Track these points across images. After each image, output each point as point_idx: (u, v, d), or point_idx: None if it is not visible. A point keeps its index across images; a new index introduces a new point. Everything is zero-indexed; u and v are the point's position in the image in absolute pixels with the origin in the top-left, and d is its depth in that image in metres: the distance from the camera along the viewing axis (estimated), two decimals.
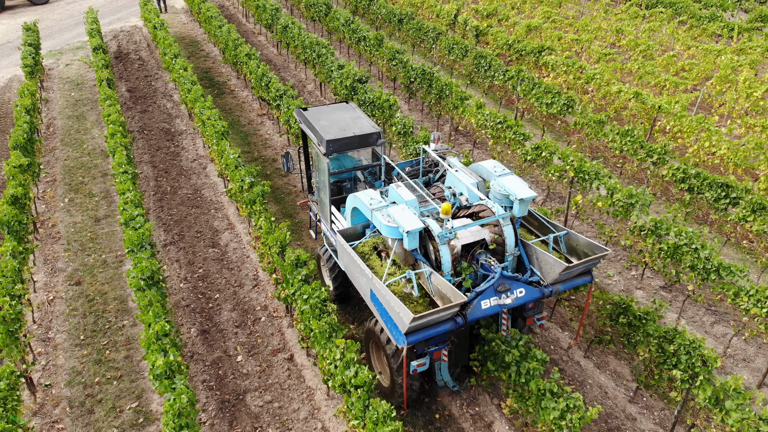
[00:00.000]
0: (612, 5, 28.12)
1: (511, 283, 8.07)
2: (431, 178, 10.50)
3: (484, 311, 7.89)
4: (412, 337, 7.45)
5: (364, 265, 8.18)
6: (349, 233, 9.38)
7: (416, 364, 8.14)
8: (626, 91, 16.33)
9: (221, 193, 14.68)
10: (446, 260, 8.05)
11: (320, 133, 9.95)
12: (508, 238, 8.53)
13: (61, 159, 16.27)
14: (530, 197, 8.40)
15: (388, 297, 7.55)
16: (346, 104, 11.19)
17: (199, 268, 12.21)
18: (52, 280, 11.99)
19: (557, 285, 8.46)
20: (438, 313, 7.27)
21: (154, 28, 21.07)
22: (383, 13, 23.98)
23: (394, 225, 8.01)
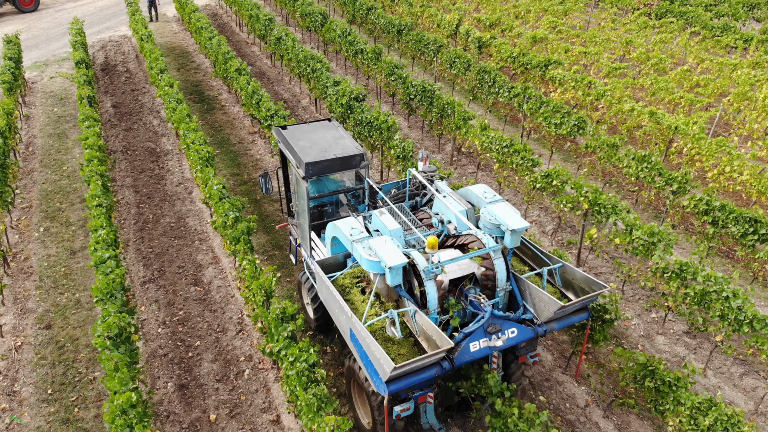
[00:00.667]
0: (620, 14, 27.15)
1: (503, 323, 7.47)
2: (418, 201, 9.77)
3: (473, 354, 7.26)
4: (394, 385, 6.78)
5: (343, 302, 7.56)
6: (329, 263, 8.68)
7: (400, 410, 7.44)
8: (640, 110, 15.35)
9: (206, 222, 13.69)
10: (432, 297, 7.38)
11: (299, 154, 9.29)
12: (499, 272, 7.82)
13: (39, 182, 15.27)
14: (522, 228, 7.77)
15: (368, 341, 6.92)
16: (328, 122, 10.50)
17: (180, 309, 11.20)
18: (21, 322, 10.98)
19: (552, 323, 7.80)
20: (421, 360, 6.62)
21: (141, 39, 20.08)
22: (382, 23, 23.00)
23: (375, 259, 7.37)
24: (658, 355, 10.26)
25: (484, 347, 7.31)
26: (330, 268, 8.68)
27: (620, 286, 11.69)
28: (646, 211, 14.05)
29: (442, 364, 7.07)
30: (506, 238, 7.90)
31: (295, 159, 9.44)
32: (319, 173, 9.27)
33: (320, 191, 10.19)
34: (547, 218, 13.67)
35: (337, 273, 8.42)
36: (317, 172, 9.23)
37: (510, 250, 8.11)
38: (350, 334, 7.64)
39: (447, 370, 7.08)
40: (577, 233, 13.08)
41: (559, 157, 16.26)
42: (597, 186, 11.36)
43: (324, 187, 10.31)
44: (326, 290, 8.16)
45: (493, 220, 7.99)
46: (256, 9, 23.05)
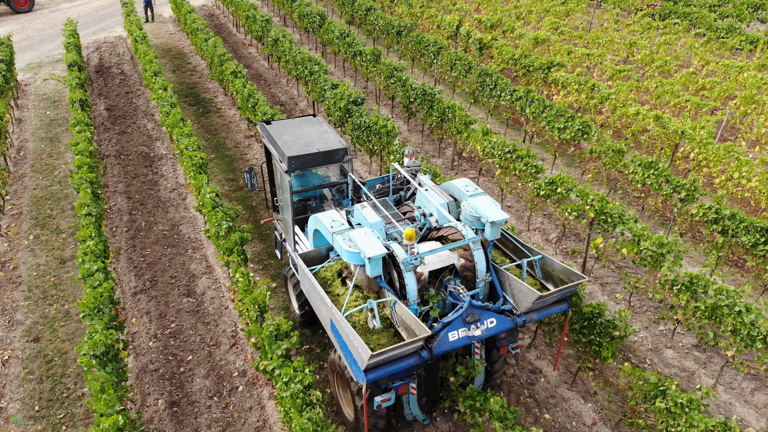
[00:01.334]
0: (623, 15, 26.79)
1: (481, 313, 7.53)
2: (402, 196, 9.82)
3: (452, 344, 7.32)
4: (372, 373, 6.82)
5: (323, 294, 7.59)
6: (312, 256, 8.66)
7: (380, 400, 7.53)
8: (645, 114, 14.98)
9: (200, 229, 13.32)
10: (411, 288, 7.44)
11: (282, 149, 9.50)
12: (479, 263, 7.88)
13: (29, 188, 14.89)
14: (502, 220, 7.83)
15: (347, 330, 6.92)
16: (313, 118, 10.71)
17: (172, 322, 10.83)
18: (8, 335, 10.62)
19: (531, 314, 7.87)
20: (399, 348, 6.67)
21: (135, 41, 19.70)
22: (381, 24, 22.63)
23: (355, 251, 7.41)
24: (666, 369, 9.91)
25: (463, 337, 7.36)
26: (312, 261, 8.64)
27: (627, 298, 11.33)
28: (653, 218, 13.70)
29: (420, 353, 7.11)
30: (486, 230, 7.92)
31: (279, 153, 9.61)
32: (302, 167, 9.45)
33: (304, 185, 10.25)
34: (551, 226, 13.31)
35: (319, 266, 8.38)
36: (300, 166, 9.42)
37: (491, 242, 8.12)
38: (331, 326, 7.63)
39: (426, 360, 7.11)
40: (582, 242, 12.73)
41: (563, 162, 15.90)
42: (603, 194, 10.99)
43: (307, 182, 10.38)
44: (308, 283, 8.16)
45: (474, 212, 8.01)
46: (253, 10, 22.68)
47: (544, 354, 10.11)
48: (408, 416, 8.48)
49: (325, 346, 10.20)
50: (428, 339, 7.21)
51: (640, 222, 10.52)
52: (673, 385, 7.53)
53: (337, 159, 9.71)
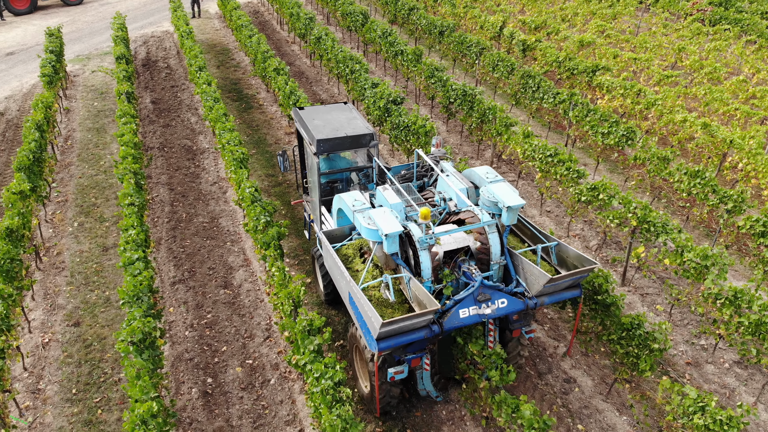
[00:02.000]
0: (671, 19, 26.17)
1: (493, 293, 7.78)
2: (426, 182, 10.23)
3: (462, 320, 7.60)
4: (384, 343, 7.18)
5: (342, 267, 8.00)
6: (336, 234, 9.20)
7: (393, 371, 7.92)
8: (692, 121, 14.59)
9: (239, 223, 13.48)
10: (426, 266, 7.74)
11: (312, 132, 9.98)
12: (494, 246, 8.13)
13: (75, 176, 15.29)
14: (518, 205, 7.98)
15: (362, 301, 7.30)
16: (343, 105, 11.16)
17: (208, 312, 10.98)
18: (50, 318, 10.92)
19: (543, 297, 8.07)
20: (410, 319, 7.00)
21: (182, 36, 20.05)
22: (423, 24, 22.56)
23: (374, 228, 7.74)
24: (706, 385, 9.62)
25: (474, 315, 7.61)
26: (335, 239, 9.12)
27: (668, 309, 11.05)
28: (697, 229, 13.33)
29: (431, 327, 7.41)
30: (503, 215, 8.09)
31: (309, 136, 10.09)
32: (330, 150, 9.91)
33: (331, 168, 10.75)
34: (591, 233, 13.06)
35: (341, 243, 8.84)
36: (328, 149, 9.87)
37: (507, 227, 8.36)
38: (349, 299, 8.00)
39: (436, 334, 7.43)
40: (623, 250, 12.46)
41: (605, 168, 15.60)
42: (646, 202, 10.74)
43: (335, 164, 10.90)
44: (330, 259, 8.61)
45: (492, 197, 8.21)
46: (297, 7, 22.86)
47: (579, 363, 9.93)
48: (421, 391, 8.73)
49: None
50: (440, 315, 7.53)
51: (684, 232, 10.24)
52: (713, 401, 7.29)
53: (363, 144, 10.11)
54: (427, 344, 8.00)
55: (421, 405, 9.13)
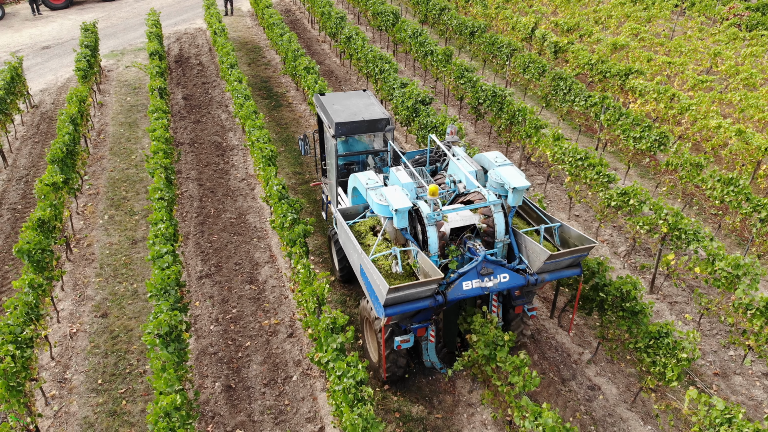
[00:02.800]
0: (707, 24, 25.65)
1: (495, 268, 8.11)
2: (438, 167, 10.69)
3: (465, 292, 7.97)
4: (391, 309, 7.58)
5: (355, 241, 8.38)
6: (350, 212, 9.61)
7: (400, 340, 8.41)
8: (727, 128, 14.27)
9: (266, 219, 13.56)
10: (433, 241, 8.16)
11: (331, 116, 10.53)
12: (498, 225, 8.50)
13: (107, 170, 15.56)
14: (524, 187, 8.40)
15: (372, 271, 7.69)
16: (362, 92, 11.75)
17: (233, 307, 11.08)
18: (78, 309, 11.12)
19: (544, 275, 8.40)
20: (415, 287, 7.43)
21: (214, 33, 20.27)
22: (454, 24, 22.46)
23: (385, 203, 8.18)
24: (733, 396, 9.41)
25: (476, 287, 7.99)
26: (349, 216, 9.54)
27: (696, 318, 10.83)
28: (729, 237, 13.04)
29: (435, 297, 7.83)
30: (509, 197, 8.50)
31: (328, 120, 10.67)
32: (347, 133, 10.48)
33: (348, 150, 11.17)
34: (620, 238, 12.86)
35: (354, 220, 9.28)
36: (346, 132, 10.45)
37: (513, 208, 8.75)
38: (360, 271, 8.43)
39: (440, 304, 7.85)
40: (652, 257, 12.24)
41: (636, 173, 15.35)
42: (678, 209, 10.53)
43: (352, 147, 11.31)
44: (344, 234, 8.97)
45: (499, 179, 8.61)
46: (328, 6, 22.95)
47: (604, 370, 9.78)
48: (426, 362, 9.19)
49: None
50: (444, 287, 7.93)
51: (716, 240, 10.02)
52: (740, 413, 7.13)
53: (379, 128, 10.68)
54: (432, 314, 8.48)
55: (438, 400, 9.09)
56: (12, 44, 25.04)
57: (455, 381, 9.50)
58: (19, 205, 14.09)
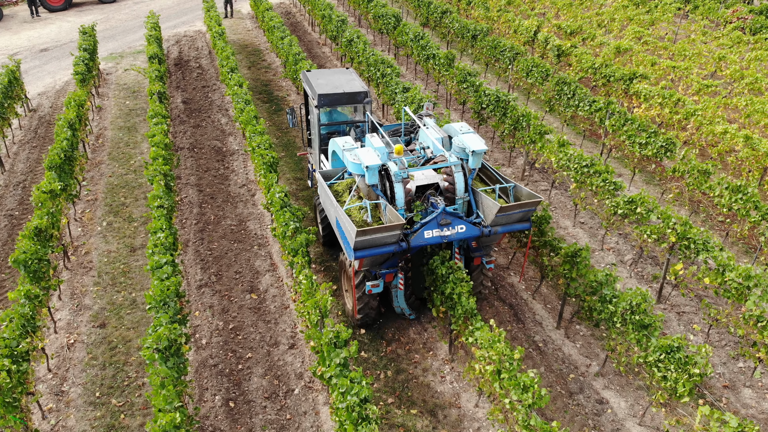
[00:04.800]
0: (711, 27, 25.48)
1: (453, 220, 9.13)
2: (413, 137, 11.58)
3: (427, 240, 9.01)
4: (360, 252, 8.58)
5: (332, 196, 9.42)
6: (330, 174, 10.49)
7: (371, 285, 9.51)
8: (734, 133, 14.09)
9: (267, 226, 13.37)
10: (399, 196, 9.14)
11: (315, 89, 11.74)
12: (458, 183, 9.50)
13: (105, 175, 15.36)
14: (482, 150, 9.44)
15: (344, 219, 8.70)
16: (345, 69, 12.99)
17: (234, 317, 10.88)
18: (76, 319, 10.92)
19: (497, 227, 9.32)
20: (381, 231, 8.44)
21: (214, 36, 20.07)
22: (456, 27, 22.27)
23: (358, 162, 9.12)
24: (743, 410, 9.22)
25: (436, 236, 9.04)
26: (329, 178, 10.43)
27: (705, 329, 10.64)
28: (736, 245, 12.86)
29: (400, 243, 8.83)
30: (470, 159, 9.55)
31: (312, 92, 11.88)
32: (329, 104, 11.73)
33: (330, 120, 12.41)
34: (626, 247, 12.66)
35: (333, 181, 10.23)
36: (327, 103, 11.68)
37: (473, 170, 9.73)
38: (336, 224, 9.50)
39: (404, 249, 8.88)
40: (660, 266, 12.05)
41: (642, 179, 15.16)
42: (686, 218, 10.34)
43: (333, 118, 12.55)
44: (323, 194, 9.97)
45: (461, 144, 9.63)
46: (329, 9, 22.76)
47: (612, 383, 9.59)
48: (396, 309, 10.40)
49: (384, 359, 10.03)
50: (408, 235, 8.94)
51: (726, 250, 9.84)
52: (754, 429, 6.95)
53: (358, 100, 11.88)
54: (398, 261, 9.54)
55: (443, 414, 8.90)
56: (10, 47, 24.85)
57: (460, 394, 9.32)
58: (16, 212, 13.90)
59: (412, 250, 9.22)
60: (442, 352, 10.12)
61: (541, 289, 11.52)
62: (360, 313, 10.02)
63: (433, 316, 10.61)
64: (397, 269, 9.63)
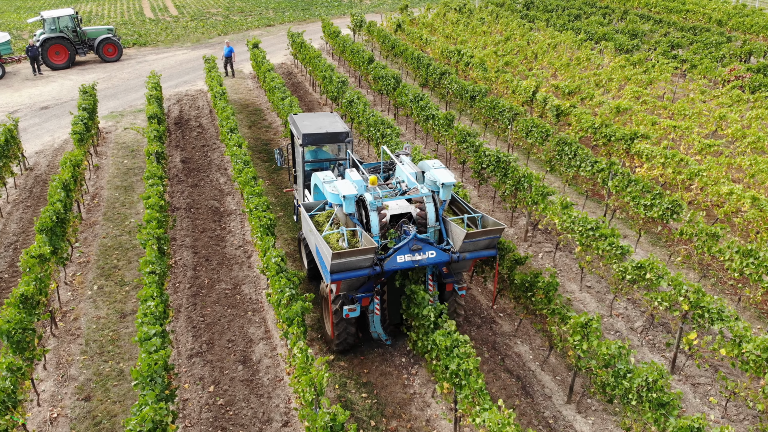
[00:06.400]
0: (709, 86, 25.66)
1: (424, 246, 9.70)
2: (391, 174, 12.44)
3: (399, 264, 9.59)
4: (336, 275, 9.17)
5: (312, 224, 10.12)
6: (311, 206, 11.19)
7: (348, 309, 10.03)
8: (740, 194, 13.84)
9: (262, 290, 12.95)
10: (374, 224, 9.96)
11: (300, 129, 12.73)
12: (429, 213, 10.30)
13: (99, 236, 15.02)
14: (451, 183, 10.25)
15: (322, 245, 9.29)
16: (329, 113, 14.03)
17: (225, 390, 10.32)
18: (60, 390, 10.37)
19: (465, 253, 9.99)
20: (355, 255, 9.03)
21: (215, 96, 20.11)
22: (455, 88, 22.38)
23: (336, 192, 9.92)
24: None
25: (408, 261, 9.61)
26: (311, 209, 11.12)
27: (722, 402, 10.08)
28: (748, 310, 12.40)
29: (374, 267, 9.43)
30: (440, 191, 10.38)
31: (297, 132, 12.87)
32: (312, 143, 12.71)
33: (314, 158, 13.34)
34: (636, 312, 12.19)
35: (314, 212, 10.90)
36: (311, 142, 12.67)
37: (444, 201, 10.51)
38: (316, 251, 10.11)
39: (378, 273, 9.47)
40: (671, 333, 11.57)
41: (647, 240, 14.81)
42: (699, 285, 9.94)
43: (317, 155, 13.48)
44: (306, 224, 10.68)
45: (432, 178, 10.45)
46: (330, 71, 22.93)
47: None
48: (373, 334, 10.89)
49: None
50: (382, 259, 9.50)
51: (742, 320, 9.40)
52: None
53: (340, 139, 12.85)
54: (374, 285, 10.03)
55: None
56: (11, 104, 24.95)
57: None
58: (5, 275, 13.50)
59: (386, 274, 9.76)
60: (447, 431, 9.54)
61: (549, 359, 11.01)
62: (338, 339, 10.51)
63: (421, 364, 10.12)
64: (373, 293, 10.15)
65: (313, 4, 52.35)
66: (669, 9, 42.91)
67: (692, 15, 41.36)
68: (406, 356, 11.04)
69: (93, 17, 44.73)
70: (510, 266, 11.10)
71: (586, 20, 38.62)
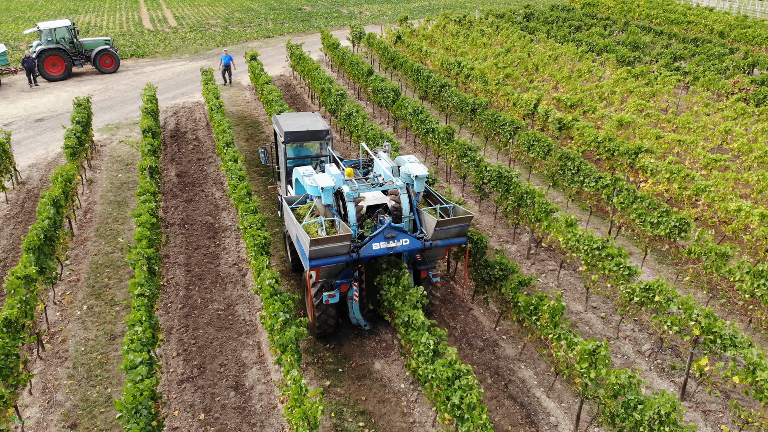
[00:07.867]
0: (713, 98, 25.35)
1: (398, 234, 10.29)
2: (370, 169, 12.95)
3: (375, 251, 10.20)
4: (315, 261, 9.74)
5: (292, 215, 10.66)
6: (293, 199, 11.81)
7: (327, 295, 10.65)
8: (748, 211, 13.46)
9: (256, 310, 12.54)
10: (351, 213, 10.55)
11: (283, 128, 13.50)
12: (404, 204, 10.97)
13: (90, 253, 14.62)
14: (424, 175, 10.80)
15: (302, 234, 9.80)
16: (311, 113, 14.84)
17: (216, 418, 9.89)
18: (45, 417, 9.94)
19: (437, 241, 10.56)
20: (332, 241, 9.61)
21: (211, 109, 19.78)
22: (455, 101, 22.05)
23: (315, 185, 10.36)
24: None
25: (383, 248, 10.23)
26: (292, 202, 11.76)
27: (734, 431, 9.65)
28: (759, 332, 12.00)
29: (351, 254, 10.03)
30: (414, 183, 10.91)
31: (279, 131, 13.66)
32: (294, 140, 13.54)
33: (296, 155, 14.05)
34: (643, 335, 11.77)
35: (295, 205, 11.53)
36: (293, 140, 13.52)
37: (418, 193, 11.09)
38: (297, 242, 10.68)
39: (354, 259, 10.06)
40: (682, 358, 11.15)
41: (654, 258, 14.42)
42: (710, 309, 9.53)
43: (299, 153, 14.17)
44: (287, 216, 11.23)
45: (407, 171, 10.99)
46: (328, 83, 22.62)
47: None
48: (353, 320, 11.48)
49: None
50: (359, 247, 10.10)
51: (756, 346, 8.99)
52: None
53: (321, 137, 13.70)
54: (352, 271, 10.58)
55: None
56: (5, 116, 24.63)
57: None
58: None
59: (363, 261, 10.29)
60: None
61: (555, 385, 10.58)
62: (317, 322, 10.97)
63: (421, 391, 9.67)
64: (351, 280, 10.75)
65: (313, 16, 52.20)
66: (670, 21, 42.76)
67: (694, 27, 41.19)
68: (405, 382, 10.62)
69: (92, 28, 44.53)
70: (514, 287, 10.70)
71: (586, 32, 38.42)
